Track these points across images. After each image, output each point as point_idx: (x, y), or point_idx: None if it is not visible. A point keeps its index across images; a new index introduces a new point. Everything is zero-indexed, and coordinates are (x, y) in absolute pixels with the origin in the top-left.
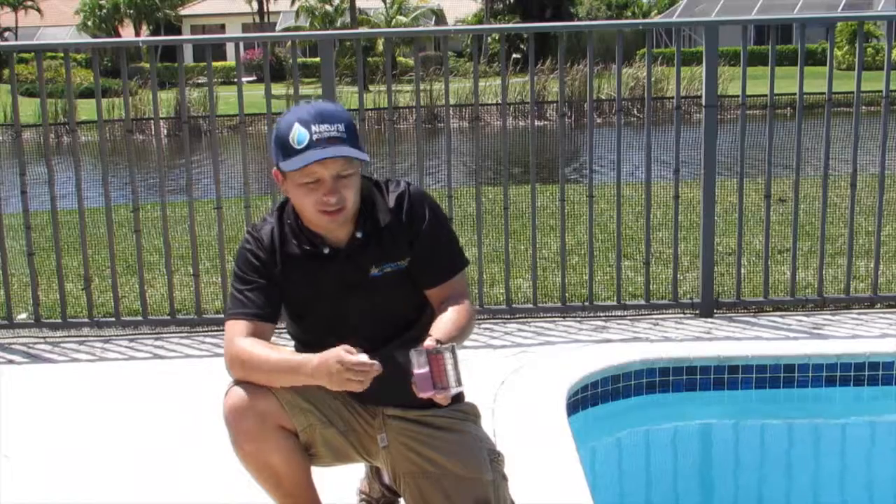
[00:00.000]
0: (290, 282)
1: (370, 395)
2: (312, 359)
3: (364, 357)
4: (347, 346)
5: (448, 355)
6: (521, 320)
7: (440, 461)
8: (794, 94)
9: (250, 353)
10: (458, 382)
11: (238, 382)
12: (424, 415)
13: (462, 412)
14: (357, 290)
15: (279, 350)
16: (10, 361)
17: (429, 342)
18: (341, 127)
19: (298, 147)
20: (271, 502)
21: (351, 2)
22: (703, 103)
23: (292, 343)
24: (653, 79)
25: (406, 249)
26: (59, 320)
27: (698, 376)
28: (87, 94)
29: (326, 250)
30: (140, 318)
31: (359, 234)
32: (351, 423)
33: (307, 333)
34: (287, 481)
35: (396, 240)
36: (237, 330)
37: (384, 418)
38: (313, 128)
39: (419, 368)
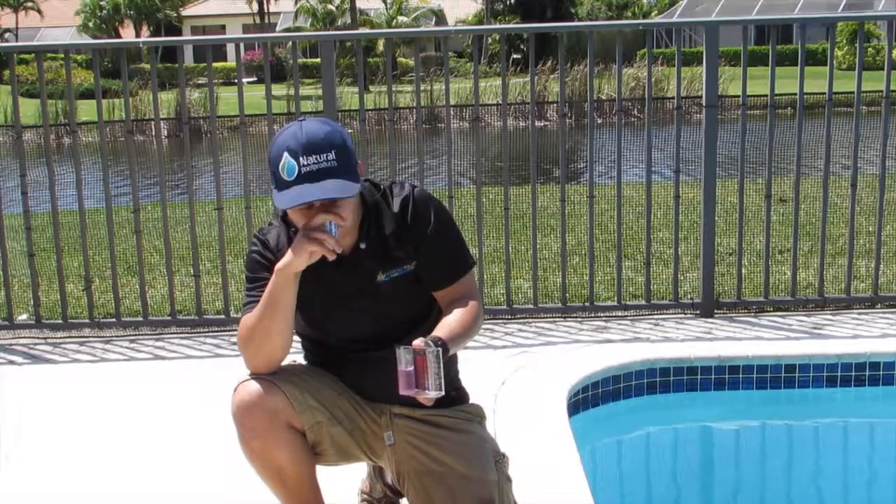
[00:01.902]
0: (298, 285)
1: (376, 393)
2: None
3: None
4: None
5: (432, 358)
6: (521, 320)
7: (446, 460)
8: (795, 94)
9: (246, 319)
10: (439, 387)
11: (247, 379)
12: (430, 414)
13: (467, 413)
14: (364, 294)
15: None
16: (11, 362)
17: (418, 342)
18: (331, 156)
19: (288, 179)
20: (274, 500)
21: (351, 2)
22: (704, 103)
23: (300, 342)
24: (653, 79)
25: (412, 253)
26: (60, 321)
27: (699, 376)
28: (88, 94)
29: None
30: (140, 318)
31: (362, 245)
32: (357, 421)
33: (315, 332)
34: (292, 480)
35: (402, 245)
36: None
37: (390, 416)
38: (301, 160)
39: (404, 366)
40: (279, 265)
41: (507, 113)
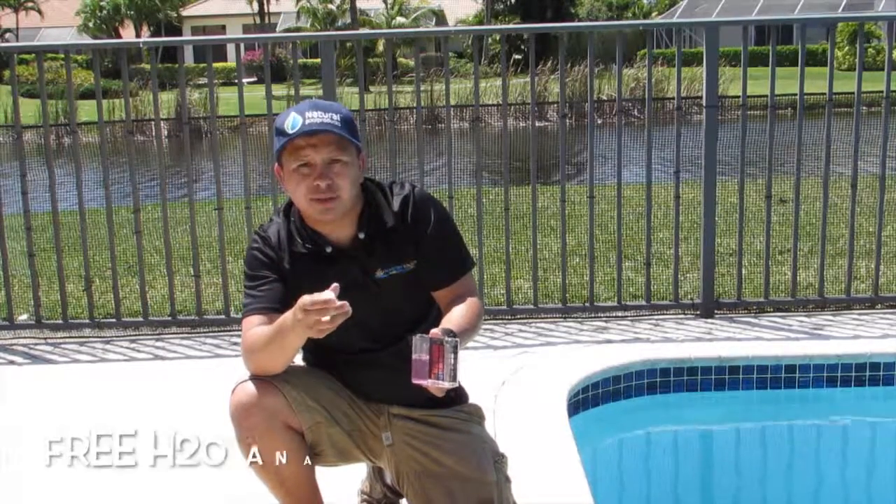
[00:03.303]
0: (298, 280)
1: (374, 393)
2: (287, 313)
3: (327, 295)
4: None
5: (449, 348)
6: (521, 321)
7: (445, 461)
8: (795, 94)
9: (253, 339)
10: (453, 378)
11: (246, 380)
12: (429, 414)
13: (466, 413)
14: (363, 290)
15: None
16: (11, 362)
17: (435, 331)
18: (336, 116)
19: (291, 131)
20: (273, 501)
21: (351, 2)
22: (704, 104)
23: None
24: (653, 79)
25: (412, 252)
26: (60, 321)
27: (699, 377)
28: (88, 94)
29: (329, 249)
30: (141, 319)
31: (361, 235)
32: (356, 422)
33: None
34: (291, 480)
35: (401, 242)
36: (251, 324)
37: (389, 417)
38: (307, 114)
39: (418, 354)
40: (298, 321)
41: (508, 113)
